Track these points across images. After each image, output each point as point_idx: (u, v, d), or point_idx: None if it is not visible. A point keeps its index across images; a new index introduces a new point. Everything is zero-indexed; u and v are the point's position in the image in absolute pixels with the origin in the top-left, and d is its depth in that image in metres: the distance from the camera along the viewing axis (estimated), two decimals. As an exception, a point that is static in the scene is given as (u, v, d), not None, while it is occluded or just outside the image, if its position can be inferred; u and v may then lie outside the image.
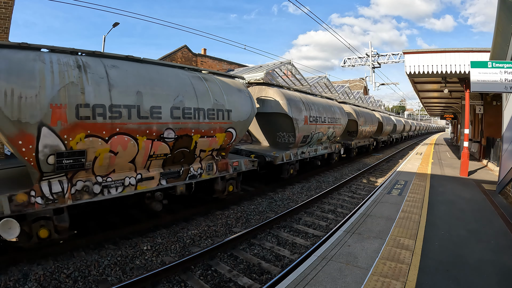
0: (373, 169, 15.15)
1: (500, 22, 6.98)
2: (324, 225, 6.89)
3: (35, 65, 4.53)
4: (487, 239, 4.76)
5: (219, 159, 7.44)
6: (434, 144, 27.61)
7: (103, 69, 5.21)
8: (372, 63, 23.05)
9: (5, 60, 4.34)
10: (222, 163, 7.47)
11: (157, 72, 6.06)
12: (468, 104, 10.56)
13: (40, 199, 4.64)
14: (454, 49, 9.90)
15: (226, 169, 7.55)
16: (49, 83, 4.54)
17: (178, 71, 6.63)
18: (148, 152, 5.74)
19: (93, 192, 5.18)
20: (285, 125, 10.24)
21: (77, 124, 4.75)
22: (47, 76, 4.55)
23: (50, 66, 4.66)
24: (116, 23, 17.70)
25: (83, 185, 5.08)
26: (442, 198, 7.29)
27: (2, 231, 4.25)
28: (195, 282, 4.38)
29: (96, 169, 5.20)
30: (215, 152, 7.18)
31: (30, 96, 4.36)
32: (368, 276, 3.57)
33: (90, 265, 4.64)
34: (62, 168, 4.81)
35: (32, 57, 4.59)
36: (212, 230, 6.27)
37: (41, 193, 4.65)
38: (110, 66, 5.36)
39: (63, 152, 4.74)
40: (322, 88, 16.06)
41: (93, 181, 5.20)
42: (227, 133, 7.16)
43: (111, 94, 5.12)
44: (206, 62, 24.94)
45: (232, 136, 7.36)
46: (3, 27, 9.68)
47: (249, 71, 12.26)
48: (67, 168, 4.86)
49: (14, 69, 4.35)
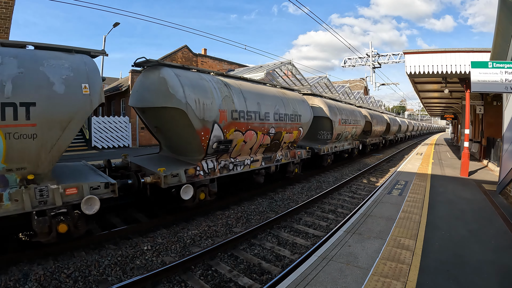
0: (373, 169, 15.15)
1: (500, 22, 6.98)
2: (325, 225, 6.89)
3: (205, 83, 6.82)
4: (487, 239, 4.76)
5: (292, 149, 10.38)
6: (435, 144, 27.60)
7: (238, 87, 7.73)
8: (373, 63, 23.01)
9: (187, 78, 6.46)
10: (293, 152, 10.35)
11: (263, 89, 8.79)
12: (469, 104, 10.55)
13: (202, 172, 6.89)
14: (455, 49, 9.89)
15: (294, 156, 10.37)
16: (215, 95, 6.85)
17: (273, 88, 9.62)
18: (260, 143, 8.40)
19: (229, 169, 7.67)
20: (325, 125, 13.22)
21: (231, 123, 7.19)
22: (213, 91, 6.86)
23: (212, 84, 6.96)
24: (116, 23, 17.72)
25: (224, 164, 7.52)
26: (442, 198, 7.29)
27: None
28: (195, 282, 4.38)
29: (232, 154, 7.73)
30: (290, 144, 10.06)
31: (208, 103, 6.57)
32: (368, 276, 3.57)
33: (90, 265, 4.63)
34: (217, 152, 7.15)
35: (199, 77, 6.84)
36: (213, 230, 6.27)
37: (203, 168, 6.92)
38: (239, 84, 7.88)
39: (222, 141, 7.05)
40: (323, 88, 16.06)
41: (229, 161, 7.71)
42: (298, 131, 10.00)
43: (246, 104, 7.67)
44: (206, 62, 24.93)
45: (301, 133, 10.30)
46: (4, 27, 9.70)
47: (249, 71, 12.28)
48: (220, 152, 7.25)
49: (195, 85, 6.50)
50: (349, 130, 15.14)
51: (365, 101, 24.11)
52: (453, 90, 13.63)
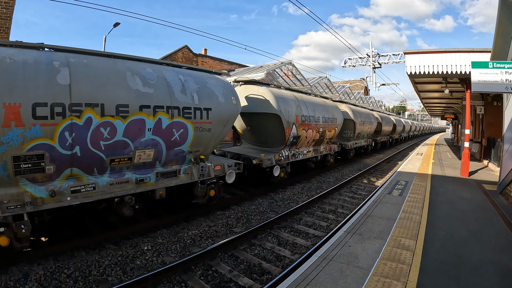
0: (373, 169, 15.14)
1: (500, 22, 6.98)
2: (325, 226, 6.89)
3: (287, 98, 9.88)
4: (487, 240, 4.76)
5: (329, 144, 13.74)
6: (435, 144, 27.59)
7: (302, 99, 10.89)
8: (373, 63, 22.97)
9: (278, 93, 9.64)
10: (330, 146, 13.72)
11: (314, 99, 12.15)
12: (469, 104, 10.55)
13: (282, 158, 9.91)
14: (455, 49, 9.89)
15: (331, 149, 13.70)
16: (292, 106, 9.82)
17: (319, 98, 12.95)
18: (313, 138, 11.57)
19: (295, 156, 10.71)
20: (350, 126, 16.47)
21: (301, 124, 10.28)
22: (291, 103, 9.81)
23: (290, 98, 10.08)
24: (116, 23, 17.70)
25: (293, 153, 10.59)
26: (442, 198, 7.29)
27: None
28: (195, 282, 4.38)
29: (298, 145, 10.76)
30: (329, 140, 13.37)
31: (290, 111, 9.62)
32: (369, 276, 3.57)
33: (90, 265, 4.64)
34: (291, 144, 10.21)
35: (280, 92, 9.88)
36: (213, 230, 6.27)
37: (283, 155, 9.95)
38: (301, 96, 11.07)
39: (295, 136, 10.08)
40: (323, 88, 16.06)
41: (296, 151, 10.79)
42: (334, 130, 13.22)
43: (308, 110, 10.76)
44: (207, 62, 24.92)
45: (336, 132, 13.51)
46: (4, 27, 9.69)
47: (250, 71, 12.28)
48: (293, 144, 10.32)
49: (281, 99, 9.51)
50: (366, 129, 18.58)
51: (365, 101, 24.24)
52: (453, 90, 13.62)
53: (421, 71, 10.22)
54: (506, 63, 7.62)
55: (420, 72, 10.24)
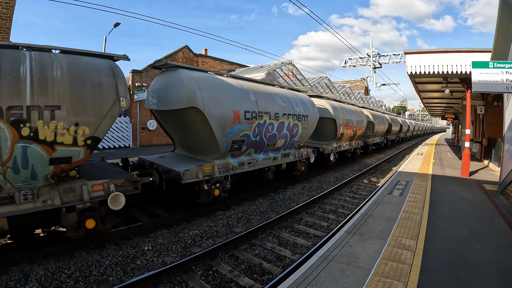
0: (374, 169, 15.14)
1: (501, 22, 6.98)
2: (325, 226, 6.88)
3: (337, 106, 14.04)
4: (488, 240, 4.76)
5: (357, 140, 17.25)
6: (435, 144, 27.57)
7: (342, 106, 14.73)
8: (373, 63, 22.97)
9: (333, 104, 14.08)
10: (357, 141, 17.23)
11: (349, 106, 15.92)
12: (469, 104, 10.54)
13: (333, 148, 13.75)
14: (455, 49, 9.88)
15: (358, 145, 17.35)
16: (329, 109, 13.20)
17: (351, 106, 16.51)
18: (350, 135, 15.18)
19: (339, 148, 14.33)
20: (370, 126, 19.99)
21: (344, 124, 13.99)
22: (328, 108, 13.24)
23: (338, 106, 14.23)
24: (117, 23, 17.72)
25: (337, 145, 13.99)
26: (443, 198, 7.28)
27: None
28: (196, 283, 4.38)
29: (341, 140, 14.42)
30: (357, 137, 16.98)
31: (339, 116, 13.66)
32: (369, 276, 3.57)
33: (91, 265, 4.64)
34: (339, 138, 14.10)
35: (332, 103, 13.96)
36: (213, 230, 6.27)
37: (333, 146, 13.74)
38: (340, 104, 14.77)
39: (341, 134, 14.02)
40: (323, 88, 16.08)
41: (339, 144, 14.24)
42: (361, 129, 16.76)
43: (346, 115, 14.50)
44: (207, 62, 24.92)
45: (362, 131, 17.21)
46: (4, 27, 9.70)
47: (250, 71, 12.30)
48: (340, 139, 14.24)
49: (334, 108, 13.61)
50: (380, 129, 22.09)
51: (365, 101, 24.52)
52: (453, 90, 13.62)
53: (421, 71, 10.22)
54: (506, 63, 7.62)
55: (420, 72, 10.23)
